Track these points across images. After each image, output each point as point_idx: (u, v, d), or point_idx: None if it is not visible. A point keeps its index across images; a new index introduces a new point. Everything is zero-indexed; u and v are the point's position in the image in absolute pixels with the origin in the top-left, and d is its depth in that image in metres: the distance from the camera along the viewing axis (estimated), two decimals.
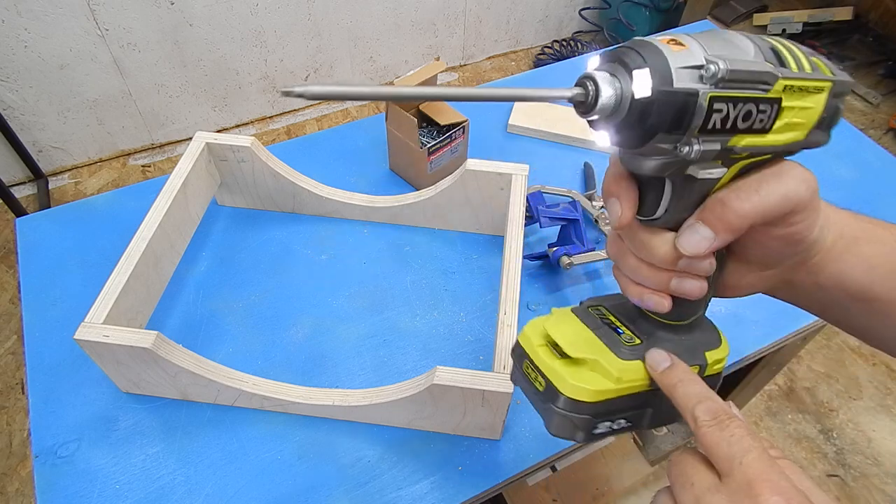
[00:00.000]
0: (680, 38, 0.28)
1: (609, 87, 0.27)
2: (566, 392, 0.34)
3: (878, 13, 2.49)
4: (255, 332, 0.70)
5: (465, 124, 0.83)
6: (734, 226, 0.30)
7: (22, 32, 1.68)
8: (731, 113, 0.28)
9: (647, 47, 0.27)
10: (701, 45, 0.27)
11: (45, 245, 0.78)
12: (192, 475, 0.59)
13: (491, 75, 2.45)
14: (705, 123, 0.27)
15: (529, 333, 0.38)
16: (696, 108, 0.27)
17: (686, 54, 0.27)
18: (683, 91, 0.26)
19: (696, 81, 0.27)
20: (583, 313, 0.39)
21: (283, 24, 2.01)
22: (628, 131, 0.28)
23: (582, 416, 0.34)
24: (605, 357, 0.35)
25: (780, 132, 0.30)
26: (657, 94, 0.26)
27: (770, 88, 0.28)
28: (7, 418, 1.47)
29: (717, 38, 0.29)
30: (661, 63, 0.27)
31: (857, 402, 1.54)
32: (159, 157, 2.10)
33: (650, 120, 0.27)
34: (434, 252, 0.78)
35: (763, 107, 0.28)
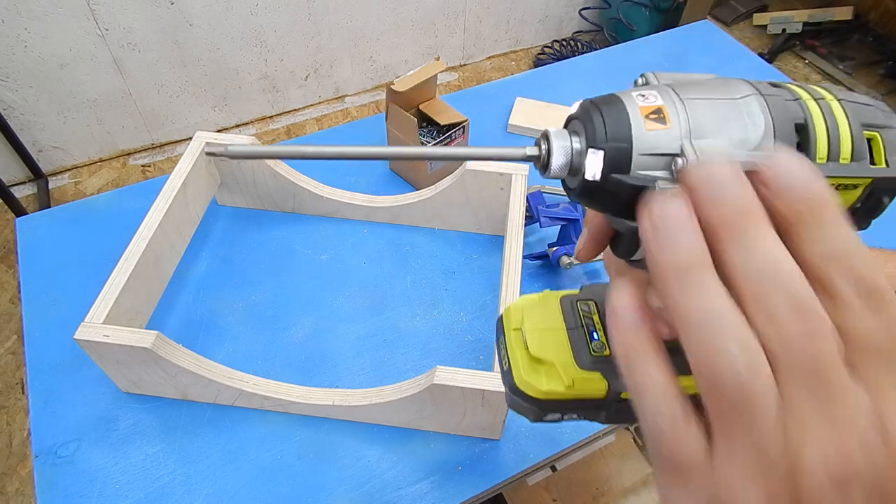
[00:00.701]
0: (667, 108, 0.23)
1: (561, 155, 0.25)
2: (518, 382, 0.36)
3: (878, 13, 2.49)
4: (255, 332, 0.70)
5: (465, 124, 0.83)
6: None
7: (22, 32, 1.68)
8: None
9: (618, 117, 0.24)
10: (688, 119, 0.23)
11: (45, 245, 0.78)
12: (192, 475, 0.59)
13: (491, 75, 2.45)
14: None
15: (512, 312, 0.39)
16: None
17: (660, 136, 0.23)
18: (637, 182, 0.23)
19: (658, 169, 0.23)
20: (569, 305, 0.39)
21: (283, 23, 2.01)
22: (580, 200, 0.26)
23: (530, 406, 0.36)
24: (563, 363, 0.35)
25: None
26: (607, 181, 0.24)
27: None
28: (7, 418, 1.47)
29: (719, 109, 0.23)
30: (623, 146, 0.23)
31: None
32: (159, 156, 2.10)
33: (596, 200, 0.25)
34: (434, 252, 0.79)
35: None
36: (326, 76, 2.23)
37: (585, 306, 0.38)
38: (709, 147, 0.23)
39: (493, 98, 1.01)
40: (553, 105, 0.98)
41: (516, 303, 0.39)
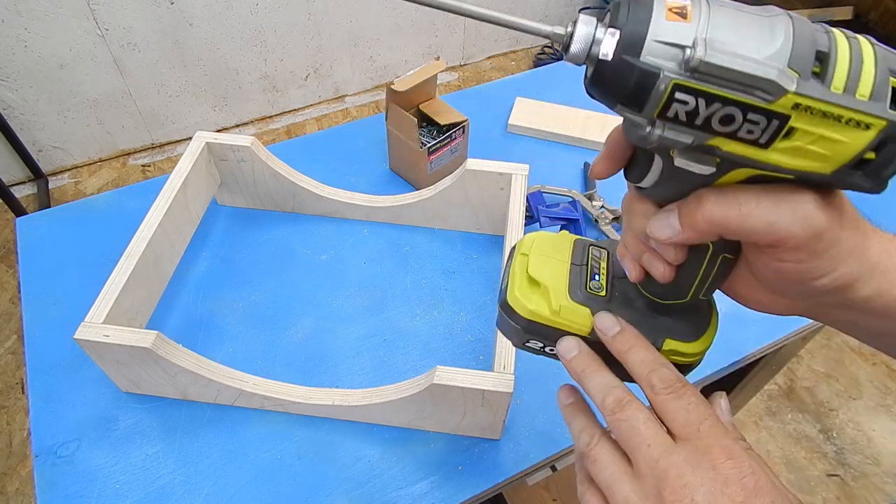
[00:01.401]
0: (692, 7, 0.24)
1: (582, 36, 0.25)
2: (509, 298, 0.37)
3: (878, 13, 2.49)
4: (255, 332, 0.70)
5: (465, 124, 0.83)
6: (699, 227, 0.28)
7: (22, 32, 1.68)
8: (700, 109, 0.24)
9: (642, 4, 0.24)
10: (709, 20, 0.24)
11: (45, 245, 0.78)
12: (192, 475, 0.59)
13: (491, 75, 2.45)
14: (664, 110, 0.24)
15: (525, 241, 0.40)
16: (652, 89, 0.24)
17: (677, 28, 0.23)
18: (645, 67, 0.24)
19: (668, 60, 0.24)
20: (581, 246, 0.39)
21: (283, 23, 2.01)
22: (593, 87, 0.26)
23: (515, 325, 0.38)
24: (556, 289, 0.36)
25: (786, 154, 0.25)
26: (617, 61, 0.24)
27: (772, 100, 0.23)
28: (7, 418, 1.47)
29: (743, 19, 0.24)
30: (639, 28, 0.24)
31: (857, 401, 1.54)
32: (159, 156, 2.10)
33: (606, 84, 0.25)
34: (434, 252, 0.79)
35: (754, 117, 0.24)
36: (326, 76, 2.23)
37: (597, 251, 0.39)
38: (723, 45, 0.23)
39: (493, 98, 1.01)
40: (553, 105, 0.98)
41: (532, 235, 0.41)
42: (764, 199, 0.26)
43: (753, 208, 0.27)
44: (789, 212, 0.26)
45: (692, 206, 0.28)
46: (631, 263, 0.34)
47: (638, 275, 0.33)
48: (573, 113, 0.97)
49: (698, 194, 0.28)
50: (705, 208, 0.27)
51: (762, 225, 0.27)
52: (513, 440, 0.62)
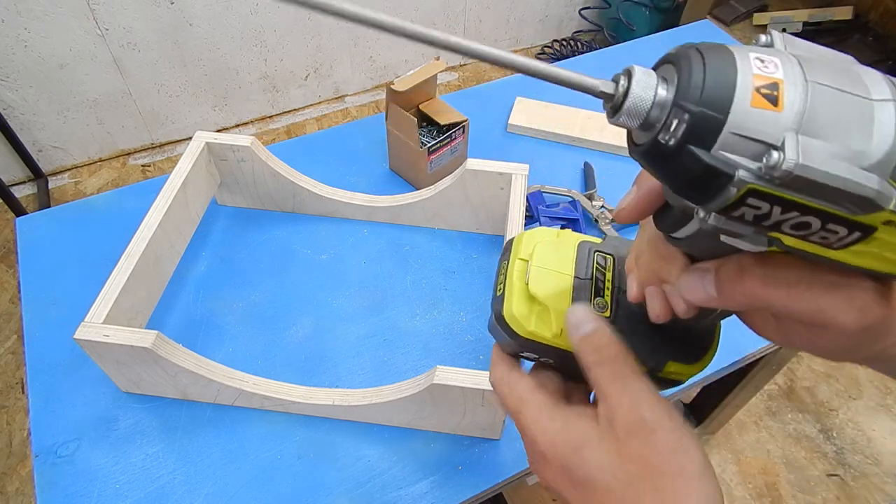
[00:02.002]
0: (785, 85, 0.19)
1: (639, 101, 0.20)
2: (506, 314, 0.34)
3: (878, 13, 2.49)
4: (255, 332, 0.70)
5: (465, 124, 0.82)
6: (738, 300, 0.25)
7: (22, 32, 1.68)
8: (773, 215, 0.20)
9: (722, 79, 0.19)
10: (805, 108, 0.18)
11: (45, 245, 0.78)
12: (192, 475, 0.59)
13: (491, 75, 2.45)
14: (728, 210, 0.20)
15: (524, 241, 0.37)
16: (721, 189, 0.19)
17: (765, 119, 0.18)
18: (715, 165, 0.19)
19: (747, 158, 0.19)
20: (585, 252, 0.36)
21: (283, 23, 2.01)
22: (644, 160, 0.22)
23: (510, 339, 0.35)
24: (558, 311, 0.33)
25: (855, 255, 0.21)
26: (681, 150, 0.20)
27: (860, 214, 0.19)
28: (7, 418, 1.47)
29: (846, 106, 0.19)
30: (716, 114, 0.19)
31: (857, 401, 1.54)
32: (159, 156, 2.10)
33: (661, 167, 0.21)
34: (434, 252, 0.78)
35: (834, 227, 0.20)
36: (326, 76, 2.23)
37: (602, 259, 0.36)
38: (817, 150, 0.18)
39: (493, 98, 1.01)
40: (553, 105, 0.98)
41: (533, 233, 0.37)
42: (816, 285, 0.23)
43: (804, 291, 0.23)
44: (844, 301, 0.23)
45: (732, 277, 0.25)
46: (635, 284, 0.31)
47: (637, 297, 0.31)
48: (573, 113, 0.97)
49: (740, 265, 0.25)
50: (747, 284, 0.24)
51: (811, 309, 0.24)
52: (513, 440, 0.62)
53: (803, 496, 1.38)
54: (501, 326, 0.35)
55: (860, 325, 0.24)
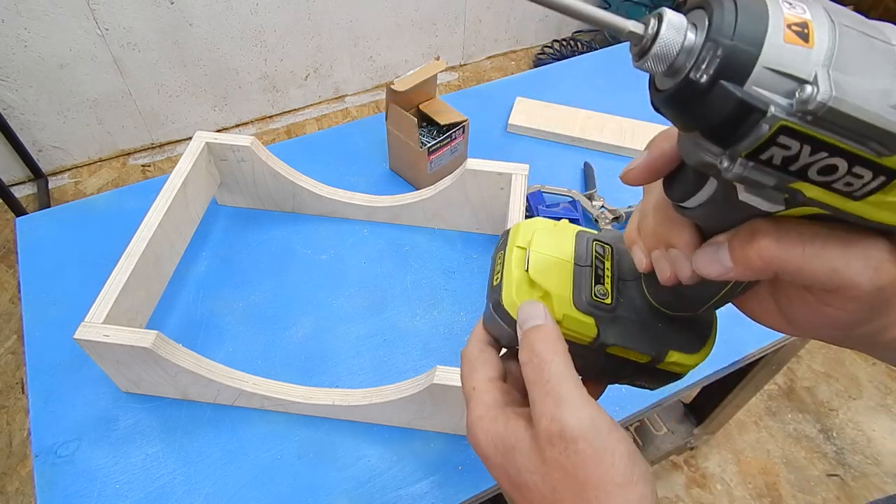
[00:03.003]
0: (814, 25, 0.19)
1: (668, 44, 0.20)
2: (505, 302, 0.33)
3: (877, 13, 2.49)
4: (255, 332, 0.70)
5: (465, 124, 0.83)
6: (753, 266, 0.24)
7: (22, 32, 1.68)
8: (802, 156, 0.20)
9: (755, 14, 0.19)
10: (835, 46, 0.19)
11: (45, 245, 0.78)
12: (192, 475, 0.59)
13: (491, 75, 2.45)
14: (757, 151, 0.20)
15: (521, 229, 0.36)
16: (753, 127, 0.19)
17: (797, 54, 0.19)
18: (748, 100, 0.19)
19: (780, 94, 0.19)
20: (584, 241, 0.36)
21: (283, 23, 2.01)
22: (668, 106, 0.22)
23: (509, 329, 0.34)
24: (560, 297, 0.33)
25: (875, 206, 0.21)
26: (713, 87, 0.19)
27: (887, 154, 0.19)
28: (7, 418, 1.47)
29: (872, 48, 0.19)
30: (750, 48, 0.19)
31: (857, 401, 1.54)
32: (159, 156, 2.10)
33: (689, 108, 0.21)
34: (434, 252, 0.78)
35: (860, 170, 0.20)
36: (326, 76, 2.23)
37: (601, 248, 0.36)
38: (849, 85, 0.19)
39: (493, 98, 1.01)
40: (553, 105, 0.98)
41: (530, 222, 0.37)
42: (832, 242, 0.23)
43: (819, 250, 0.23)
44: (859, 259, 0.23)
45: (746, 242, 0.24)
46: (642, 254, 0.30)
47: (647, 266, 0.30)
48: (573, 113, 0.97)
49: (754, 228, 0.24)
50: (762, 245, 0.24)
51: (825, 270, 0.23)
52: None
53: (803, 496, 1.38)
54: (500, 316, 0.34)
55: (874, 285, 0.23)
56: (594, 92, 1.04)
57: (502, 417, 0.31)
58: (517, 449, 0.29)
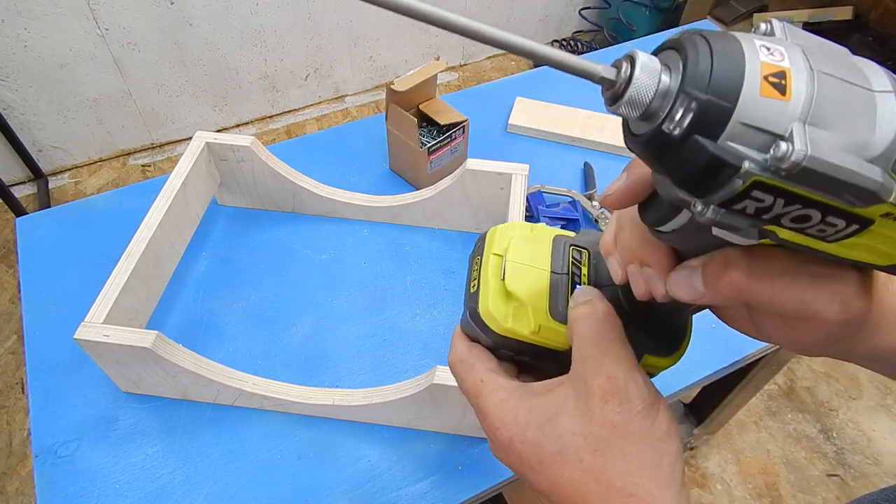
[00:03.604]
0: (792, 74, 0.18)
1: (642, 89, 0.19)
2: (481, 311, 0.33)
3: (878, 13, 2.49)
4: (255, 332, 0.70)
5: (465, 124, 0.83)
6: (723, 294, 0.25)
7: (22, 32, 1.68)
8: (776, 207, 0.19)
9: (731, 66, 0.18)
10: (813, 98, 0.18)
11: (45, 245, 0.78)
12: (192, 475, 0.59)
13: (491, 75, 2.45)
14: (730, 203, 0.20)
15: (498, 235, 0.36)
16: (726, 181, 0.19)
17: (773, 109, 0.18)
18: (722, 156, 0.18)
19: (754, 149, 0.18)
20: (560, 246, 0.36)
21: (283, 23, 2.01)
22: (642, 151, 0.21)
23: (486, 337, 0.34)
24: (536, 307, 0.33)
25: (847, 248, 0.21)
26: (686, 141, 0.19)
27: (861, 206, 0.19)
28: (7, 418, 1.47)
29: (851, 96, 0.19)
30: (724, 103, 0.18)
31: (857, 401, 1.53)
32: (159, 156, 2.10)
33: (662, 159, 0.20)
34: (434, 252, 0.78)
35: (833, 220, 0.20)
36: (326, 76, 2.23)
37: (577, 253, 0.35)
38: (825, 141, 0.18)
39: (493, 98, 1.01)
40: (553, 105, 0.98)
41: (507, 227, 0.36)
42: (801, 277, 0.23)
43: (788, 284, 0.23)
44: (827, 294, 0.24)
45: (717, 271, 0.25)
46: (617, 265, 0.31)
47: (622, 279, 0.31)
48: (573, 113, 0.97)
49: (726, 258, 0.24)
50: (733, 277, 0.24)
51: (794, 303, 0.24)
52: None
53: (803, 496, 1.38)
54: (477, 324, 0.34)
55: (841, 318, 0.24)
56: (594, 92, 1.03)
57: (529, 394, 0.31)
58: (559, 413, 0.29)
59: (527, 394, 0.31)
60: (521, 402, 0.31)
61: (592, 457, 0.28)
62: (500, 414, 0.31)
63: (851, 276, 0.24)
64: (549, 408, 0.30)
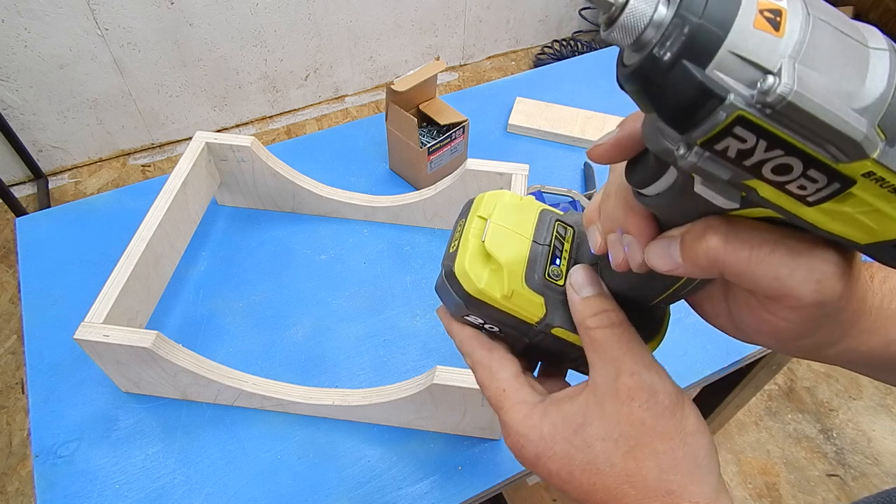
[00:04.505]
0: (788, 13, 0.18)
1: (637, 13, 0.19)
2: (457, 269, 0.33)
3: (877, 13, 2.50)
4: (255, 332, 0.70)
5: (465, 124, 0.83)
6: (699, 263, 0.24)
7: (22, 32, 1.68)
8: (757, 151, 0.19)
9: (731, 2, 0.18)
10: (805, 39, 0.18)
11: (45, 245, 0.78)
12: (192, 475, 0.59)
13: (491, 75, 2.45)
14: (712, 140, 0.19)
15: (485, 201, 0.36)
16: (710, 113, 0.19)
17: (765, 42, 0.18)
18: (708, 84, 0.18)
19: (742, 82, 0.18)
20: (546, 219, 0.35)
21: (283, 23, 2.01)
22: (630, 82, 0.21)
23: (457, 299, 0.33)
24: (512, 272, 0.32)
25: (828, 215, 0.21)
26: (673, 65, 0.19)
27: (844, 161, 0.19)
28: (7, 418, 1.47)
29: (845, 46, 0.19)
30: (717, 28, 0.18)
31: (857, 401, 1.54)
32: (159, 156, 2.10)
33: (649, 86, 0.20)
34: (434, 252, 0.78)
35: (815, 174, 0.19)
36: (326, 76, 2.23)
37: (563, 229, 0.35)
38: (813, 82, 0.18)
39: (493, 98, 1.01)
40: (553, 105, 0.98)
41: (495, 193, 0.36)
42: (779, 249, 0.23)
43: (765, 256, 0.23)
44: (804, 270, 0.23)
45: (696, 238, 0.24)
46: (598, 234, 0.30)
47: (602, 248, 0.30)
48: (573, 113, 0.97)
49: (706, 225, 0.24)
50: (710, 242, 0.23)
51: (768, 277, 0.23)
52: None
53: (803, 496, 1.38)
54: (450, 283, 0.34)
55: (815, 299, 0.23)
56: (594, 92, 1.04)
57: (552, 406, 0.31)
58: (586, 422, 0.29)
59: (549, 406, 0.31)
60: (544, 417, 0.30)
61: (624, 460, 0.28)
62: (523, 431, 0.31)
63: (830, 254, 0.23)
64: (574, 418, 0.29)
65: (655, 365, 0.29)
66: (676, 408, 0.28)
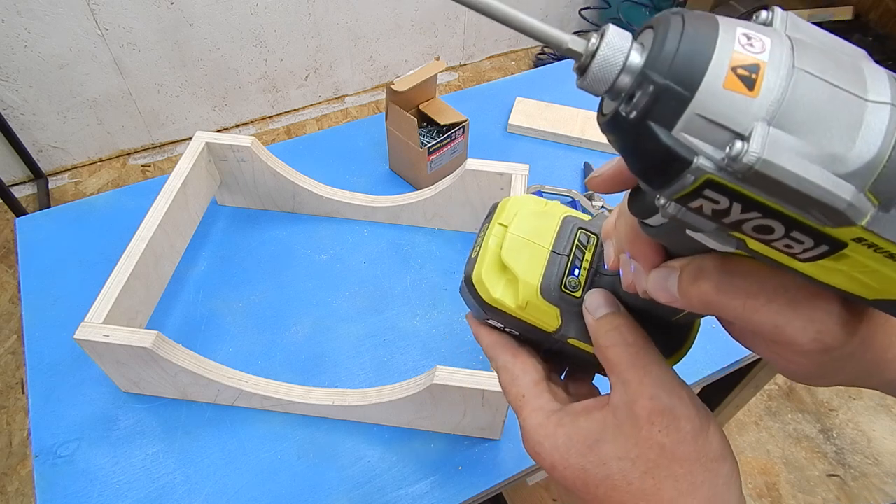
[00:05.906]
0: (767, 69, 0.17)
1: (606, 65, 0.18)
2: (473, 277, 0.33)
3: (878, 13, 2.49)
4: (255, 332, 0.70)
5: (465, 124, 0.83)
6: (695, 305, 0.24)
7: (22, 32, 1.68)
8: (733, 212, 0.18)
9: (697, 50, 0.17)
10: (783, 98, 0.16)
11: (45, 245, 0.78)
12: (192, 475, 0.59)
13: (491, 75, 2.45)
14: (685, 199, 0.18)
15: (509, 206, 0.35)
16: (677, 175, 0.18)
17: (737, 103, 0.17)
18: (673, 147, 0.17)
19: (709, 143, 0.17)
20: (569, 227, 0.34)
21: (283, 23, 2.01)
22: (605, 130, 0.20)
23: (475, 303, 0.34)
24: (527, 283, 0.32)
25: (824, 270, 0.19)
26: (640, 125, 0.18)
27: (831, 226, 0.17)
28: (7, 418, 1.47)
29: (833, 101, 0.17)
30: (682, 90, 0.17)
31: (857, 401, 1.54)
32: (159, 156, 2.10)
33: (624, 142, 0.19)
34: (434, 252, 0.78)
35: (799, 236, 0.18)
36: (326, 76, 2.23)
37: (585, 237, 0.34)
38: (786, 147, 0.16)
39: (493, 98, 1.01)
40: (553, 105, 0.98)
41: (520, 199, 0.36)
42: (777, 300, 0.22)
43: (762, 305, 0.22)
44: (802, 321, 0.22)
45: (690, 281, 0.23)
46: (612, 251, 0.30)
47: (615, 266, 0.29)
48: (573, 113, 0.97)
49: (699, 269, 0.23)
50: (702, 288, 0.23)
51: (767, 326, 0.22)
52: (513, 440, 0.62)
53: (803, 496, 1.38)
54: (469, 289, 0.34)
55: (815, 348, 0.22)
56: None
57: (568, 417, 0.30)
58: (602, 439, 0.28)
59: (565, 417, 0.30)
60: (559, 428, 0.30)
61: (642, 480, 0.27)
62: (538, 438, 0.30)
63: (834, 305, 0.22)
64: (590, 434, 0.29)
65: (678, 387, 0.28)
66: (699, 433, 0.27)
